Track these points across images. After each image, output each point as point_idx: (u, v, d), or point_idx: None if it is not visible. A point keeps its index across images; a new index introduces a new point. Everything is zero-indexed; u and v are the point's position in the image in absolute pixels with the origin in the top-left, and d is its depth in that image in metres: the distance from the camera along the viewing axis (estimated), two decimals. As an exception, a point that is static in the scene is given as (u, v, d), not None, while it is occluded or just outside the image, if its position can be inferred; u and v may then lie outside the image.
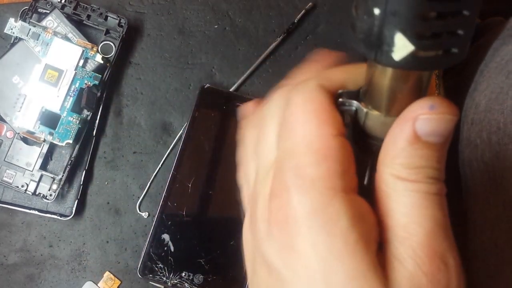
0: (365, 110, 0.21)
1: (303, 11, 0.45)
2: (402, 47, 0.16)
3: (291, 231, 0.20)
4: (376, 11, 0.16)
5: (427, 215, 0.20)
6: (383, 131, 0.20)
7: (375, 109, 0.20)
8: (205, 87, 0.43)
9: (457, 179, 0.49)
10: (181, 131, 0.44)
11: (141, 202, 0.44)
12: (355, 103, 0.21)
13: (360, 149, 0.22)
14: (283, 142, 0.21)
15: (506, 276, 0.43)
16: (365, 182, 0.22)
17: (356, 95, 0.21)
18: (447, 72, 0.63)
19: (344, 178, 0.20)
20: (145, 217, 0.43)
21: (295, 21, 0.45)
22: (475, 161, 0.46)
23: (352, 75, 0.23)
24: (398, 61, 0.16)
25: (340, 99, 0.21)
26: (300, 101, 0.21)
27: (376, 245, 0.20)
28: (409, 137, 0.20)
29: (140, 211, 0.43)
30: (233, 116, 0.43)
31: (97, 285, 0.43)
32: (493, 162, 0.44)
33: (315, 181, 0.19)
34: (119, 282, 0.43)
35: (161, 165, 0.44)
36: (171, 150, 0.44)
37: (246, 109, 0.28)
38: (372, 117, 0.21)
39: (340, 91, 0.22)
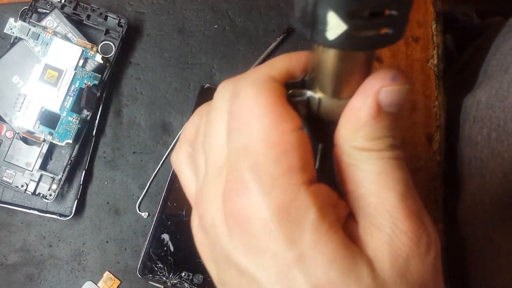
0: (317, 97, 0.21)
1: (303, 11, 0.45)
2: (335, 26, 0.16)
3: (257, 231, 0.20)
4: None
5: (396, 178, 0.21)
6: (339, 114, 0.20)
7: (326, 94, 0.20)
8: (205, 87, 0.43)
9: (455, 178, 0.49)
10: (181, 130, 0.44)
11: (141, 202, 0.44)
12: (307, 92, 0.21)
13: (316, 136, 0.22)
14: (236, 138, 0.20)
15: (503, 271, 0.44)
16: (317, 166, 0.22)
17: (303, 83, 0.21)
18: (446, 71, 0.63)
19: (305, 171, 0.20)
20: (145, 217, 0.43)
21: (295, 21, 0.45)
22: (474, 159, 0.46)
23: (297, 61, 0.23)
24: (332, 40, 0.16)
25: (290, 91, 0.21)
26: (252, 93, 0.20)
27: (342, 223, 0.20)
28: (373, 109, 0.20)
29: (140, 211, 0.43)
30: None
31: (96, 285, 0.43)
32: (489, 159, 0.44)
33: (277, 178, 0.19)
34: (119, 282, 0.43)
35: (161, 165, 0.44)
36: (170, 150, 0.44)
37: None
38: (326, 103, 0.21)
39: (287, 82, 0.21)
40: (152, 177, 0.44)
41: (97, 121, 0.43)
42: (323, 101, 0.21)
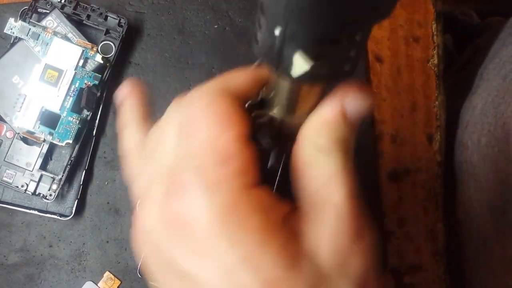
0: (278, 117, 0.23)
1: (303, 11, 0.45)
2: (299, 66, 0.17)
3: (199, 234, 0.20)
4: (277, 31, 0.16)
5: (346, 180, 0.22)
6: (297, 128, 0.22)
7: (286, 113, 0.22)
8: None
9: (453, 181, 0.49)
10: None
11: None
12: (268, 114, 0.23)
13: (280, 150, 0.24)
14: (183, 146, 0.21)
15: (496, 276, 0.44)
16: (269, 165, 0.24)
17: (262, 103, 0.23)
18: (446, 71, 0.63)
19: (247, 176, 0.21)
20: None
21: (295, 21, 0.45)
22: (465, 163, 0.46)
23: (252, 78, 0.24)
24: (296, 77, 0.18)
25: (254, 113, 0.22)
26: (202, 104, 0.22)
27: (284, 221, 0.22)
28: (338, 114, 0.23)
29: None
30: None
31: (97, 285, 0.43)
32: (480, 164, 0.44)
33: (220, 182, 0.20)
34: (119, 282, 0.43)
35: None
36: None
37: (123, 93, 0.29)
38: (286, 121, 0.23)
39: (248, 102, 0.23)
40: None
41: (97, 121, 0.43)
42: (283, 120, 0.23)
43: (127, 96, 0.29)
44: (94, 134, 0.43)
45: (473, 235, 0.46)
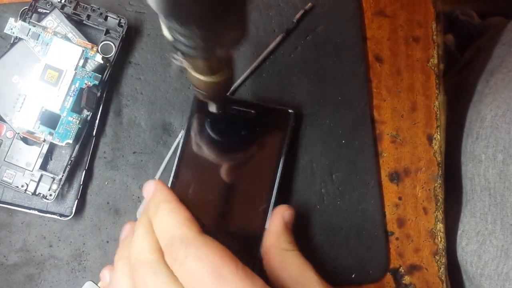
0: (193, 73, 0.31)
1: (302, 11, 0.45)
2: (166, 35, 0.27)
3: None
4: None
5: (309, 266, 0.36)
6: (205, 86, 0.32)
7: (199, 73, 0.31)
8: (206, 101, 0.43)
9: (456, 190, 0.49)
10: (178, 138, 0.44)
11: None
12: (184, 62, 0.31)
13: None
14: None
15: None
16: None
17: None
18: (447, 72, 0.63)
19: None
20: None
21: (294, 20, 0.45)
22: (477, 176, 0.46)
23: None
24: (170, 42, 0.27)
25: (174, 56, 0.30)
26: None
27: None
28: (283, 224, 0.38)
29: None
30: (230, 119, 0.42)
31: (97, 285, 0.43)
32: (495, 180, 0.44)
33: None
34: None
35: (163, 170, 0.44)
36: (171, 155, 0.44)
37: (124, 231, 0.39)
38: (196, 78, 0.31)
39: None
40: None
41: (97, 121, 0.43)
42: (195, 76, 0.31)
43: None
44: (94, 134, 0.43)
45: (470, 248, 0.46)
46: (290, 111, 0.42)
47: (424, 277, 0.44)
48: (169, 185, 0.40)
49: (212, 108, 0.38)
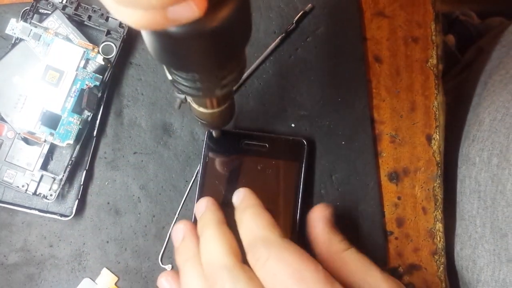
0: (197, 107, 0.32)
1: (302, 12, 0.45)
2: (168, 75, 0.27)
3: None
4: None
5: (368, 261, 0.36)
6: (207, 116, 0.33)
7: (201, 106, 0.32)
8: (211, 130, 0.42)
9: (453, 193, 0.49)
10: (193, 177, 0.44)
11: (162, 254, 0.43)
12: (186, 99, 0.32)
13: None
14: None
15: None
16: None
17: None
18: (448, 72, 0.63)
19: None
20: (169, 270, 0.43)
21: (294, 21, 0.45)
22: (468, 178, 0.46)
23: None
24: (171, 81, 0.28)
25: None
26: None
27: None
28: (329, 224, 0.38)
29: (162, 263, 0.43)
30: (244, 154, 0.42)
31: (94, 281, 0.43)
32: (487, 183, 0.43)
33: None
34: (117, 279, 0.43)
35: (179, 211, 0.44)
36: (187, 194, 0.44)
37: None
38: (198, 111, 0.33)
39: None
40: (172, 225, 0.43)
41: (98, 122, 0.43)
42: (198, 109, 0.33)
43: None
44: (94, 135, 0.43)
45: (465, 252, 0.46)
46: (303, 140, 0.42)
47: (423, 277, 0.44)
48: (193, 221, 0.40)
49: (217, 135, 0.40)
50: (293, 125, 0.44)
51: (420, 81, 0.45)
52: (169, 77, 0.27)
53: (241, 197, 0.37)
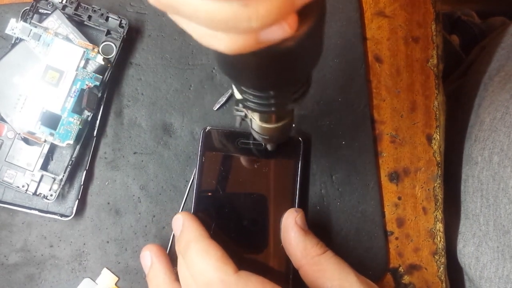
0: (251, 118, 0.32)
1: (303, 12, 0.45)
2: (236, 95, 0.27)
3: None
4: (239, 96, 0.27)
5: (345, 264, 0.36)
6: (269, 131, 0.33)
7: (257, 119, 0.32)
8: (207, 130, 0.42)
9: (455, 193, 0.49)
10: (191, 178, 0.44)
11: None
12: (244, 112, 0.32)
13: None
14: None
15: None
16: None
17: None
18: (452, 72, 0.63)
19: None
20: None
21: (295, 22, 0.45)
22: (471, 178, 0.46)
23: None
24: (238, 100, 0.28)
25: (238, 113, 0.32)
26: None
27: None
28: (301, 230, 0.37)
29: None
30: (240, 153, 0.42)
31: (94, 281, 0.43)
32: (488, 181, 0.43)
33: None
34: (117, 279, 0.43)
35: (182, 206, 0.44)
36: (187, 194, 0.44)
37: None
38: (261, 126, 0.32)
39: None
40: (171, 238, 0.43)
41: (98, 122, 0.43)
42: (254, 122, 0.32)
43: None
44: (94, 135, 0.43)
45: (468, 250, 0.46)
46: (299, 138, 0.42)
47: (424, 277, 0.44)
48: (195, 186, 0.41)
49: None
50: (293, 125, 0.44)
51: (420, 81, 0.45)
52: (238, 96, 0.26)
53: (181, 228, 0.36)
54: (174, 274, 0.36)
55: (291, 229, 0.37)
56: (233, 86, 0.27)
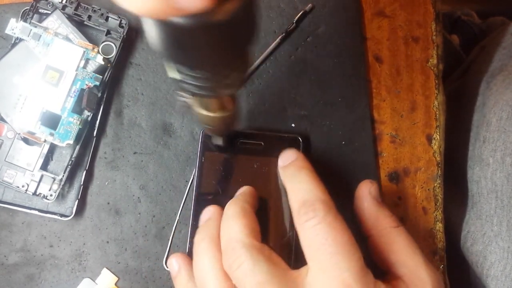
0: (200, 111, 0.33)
1: (302, 12, 0.45)
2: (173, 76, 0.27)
3: None
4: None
5: (414, 243, 0.36)
6: (211, 121, 0.33)
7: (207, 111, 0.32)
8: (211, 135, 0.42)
9: (462, 193, 0.49)
10: (191, 179, 0.44)
11: (166, 257, 0.43)
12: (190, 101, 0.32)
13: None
14: None
15: None
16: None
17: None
18: (452, 72, 0.63)
19: None
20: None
21: (294, 21, 0.45)
22: (484, 179, 0.46)
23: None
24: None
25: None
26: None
27: None
28: (375, 201, 0.37)
29: (167, 267, 0.43)
30: (239, 153, 0.42)
31: (94, 281, 0.43)
32: (503, 183, 0.44)
33: None
34: (117, 279, 0.43)
35: (180, 212, 0.44)
36: (187, 194, 0.44)
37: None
38: (202, 114, 0.33)
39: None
40: (174, 228, 0.43)
41: (98, 122, 0.43)
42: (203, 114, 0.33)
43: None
44: (94, 135, 0.43)
45: (476, 248, 0.46)
46: (298, 137, 0.42)
47: (424, 277, 0.44)
48: (190, 229, 0.40)
49: (218, 141, 0.40)
50: (293, 125, 0.44)
51: (420, 81, 0.45)
52: (175, 77, 0.27)
53: (293, 158, 0.37)
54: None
55: (365, 199, 0.37)
56: (169, 67, 0.27)
